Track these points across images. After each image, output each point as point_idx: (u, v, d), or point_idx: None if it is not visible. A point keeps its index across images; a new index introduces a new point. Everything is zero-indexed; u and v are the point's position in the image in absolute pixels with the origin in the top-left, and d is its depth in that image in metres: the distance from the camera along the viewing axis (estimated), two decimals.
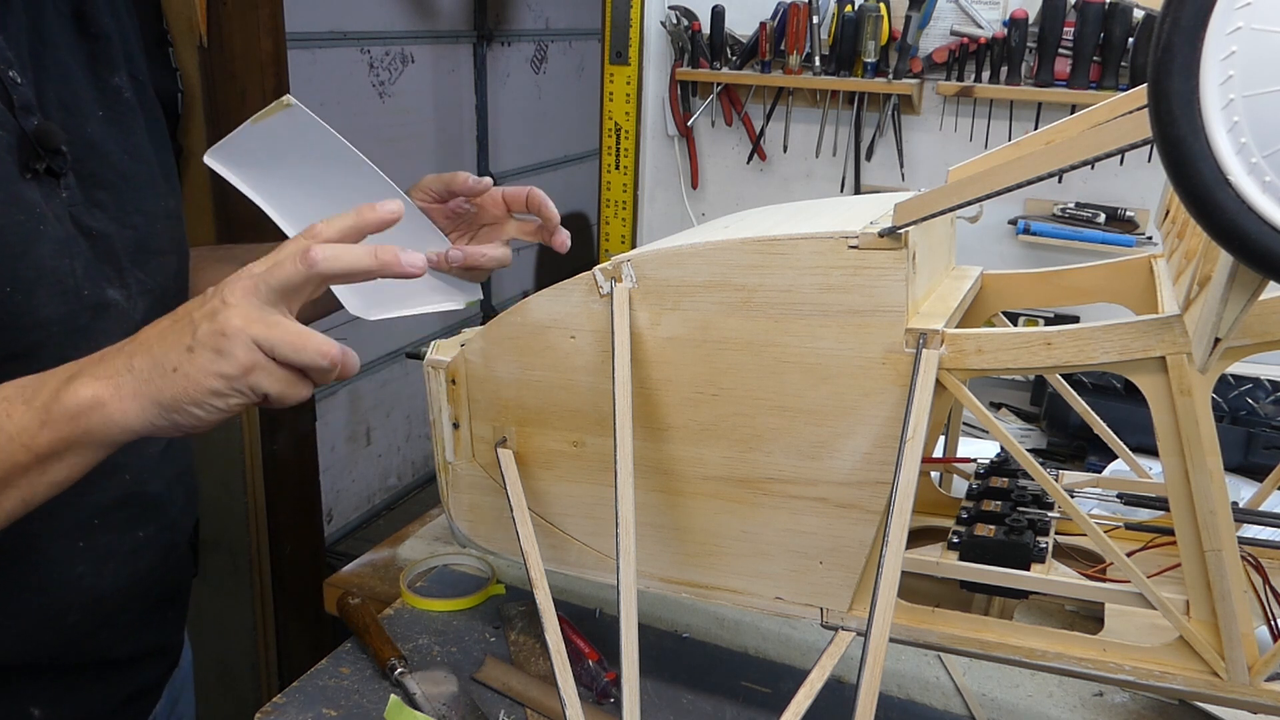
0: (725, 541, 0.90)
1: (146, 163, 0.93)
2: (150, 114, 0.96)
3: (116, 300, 0.87)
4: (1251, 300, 0.55)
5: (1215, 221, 0.47)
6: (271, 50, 2.15)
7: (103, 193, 0.87)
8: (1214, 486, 0.70)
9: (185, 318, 0.69)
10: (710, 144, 2.22)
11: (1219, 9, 0.45)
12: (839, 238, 0.78)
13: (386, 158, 3.10)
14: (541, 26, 3.71)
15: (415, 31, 3.06)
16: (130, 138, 0.91)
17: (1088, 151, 0.65)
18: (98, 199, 0.86)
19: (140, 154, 0.92)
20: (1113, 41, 1.80)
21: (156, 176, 0.94)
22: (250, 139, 0.84)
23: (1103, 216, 1.88)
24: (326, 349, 0.69)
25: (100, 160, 0.87)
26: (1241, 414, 1.49)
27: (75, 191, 0.84)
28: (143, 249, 0.91)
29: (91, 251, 0.85)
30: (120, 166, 0.89)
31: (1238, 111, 0.45)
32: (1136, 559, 0.82)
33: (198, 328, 0.67)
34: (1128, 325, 0.71)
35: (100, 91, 0.90)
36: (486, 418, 0.99)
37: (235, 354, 0.66)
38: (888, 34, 1.95)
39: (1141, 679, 0.77)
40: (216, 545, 2.34)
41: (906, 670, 1.06)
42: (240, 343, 0.66)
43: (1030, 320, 1.76)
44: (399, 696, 1.00)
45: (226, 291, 0.68)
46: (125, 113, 0.91)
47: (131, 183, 0.90)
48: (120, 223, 0.88)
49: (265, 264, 0.69)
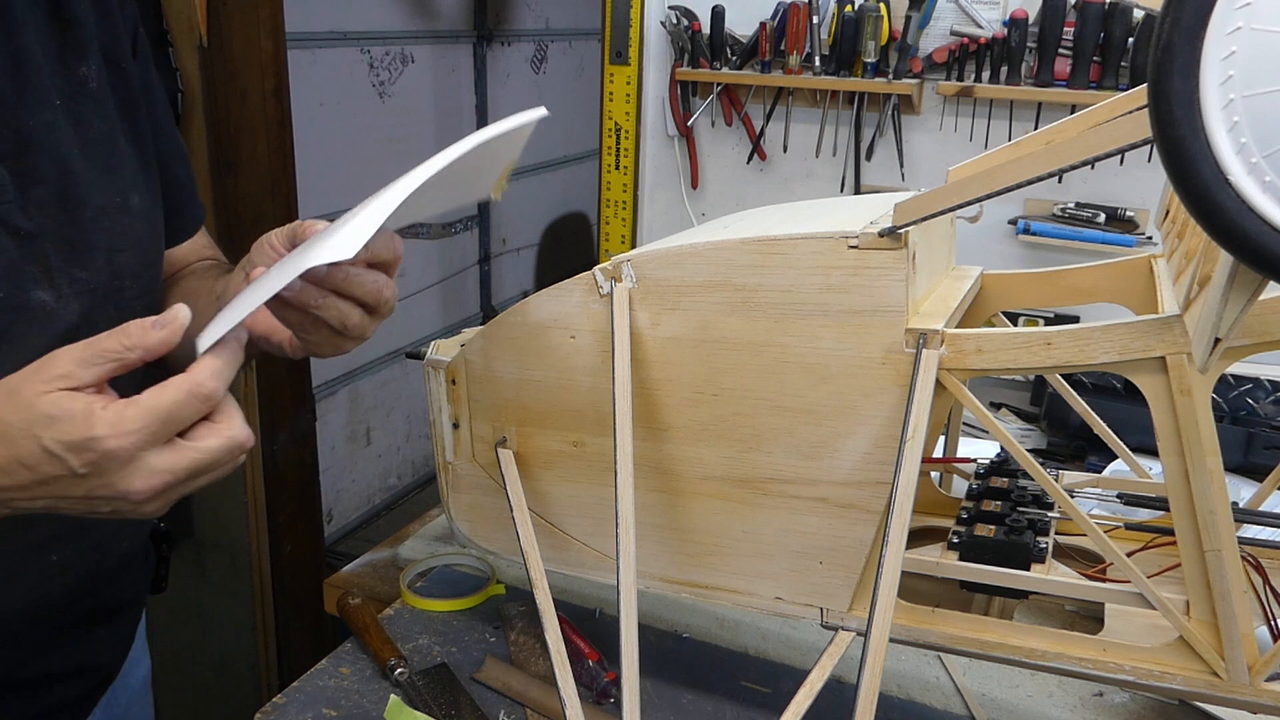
0: (725, 541, 0.90)
1: (102, 157, 0.87)
2: (128, 105, 0.91)
3: (44, 302, 0.83)
4: (1251, 300, 0.55)
5: (1215, 221, 0.47)
6: (271, 50, 2.15)
7: (41, 189, 0.82)
8: (1214, 486, 0.70)
9: (51, 461, 0.62)
10: (710, 144, 2.22)
11: (1219, 9, 0.45)
12: (839, 238, 0.78)
13: (386, 158, 3.11)
14: (541, 26, 3.71)
15: (415, 31, 3.06)
16: (88, 130, 0.86)
17: (1088, 151, 0.65)
18: (35, 196, 0.82)
19: (96, 148, 0.86)
20: (1113, 41, 1.80)
21: (120, 169, 0.88)
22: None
23: (1103, 216, 1.88)
24: (235, 454, 0.65)
25: (42, 154, 0.82)
26: (1241, 414, 1.49)
27: (9, 189, 0.80)
28: (84, 247, 0.85)
29: (18, 252, 0.81)
30: (66, 161, 0.83)
31: (1238, 111, 0.45)
32: (1136, 559, 0.82)
33: (88, 486, 0.63)
34: (1128, 325, 0.71)
35: (65, 80, 0.84)
36: (486, 418, 0.99)
37: (147, 509, 0.64)
38: (888, 34, 1.95)
39: (1141, 679, 0.77)
40: (216, 545, 2.34)
41: (906, 670, 1.06)
42: (151, 504, 0.64)
43: (1030, 320, 1.76)
44: (399, 696, 0.99)
45: (108, 444, 0.61)
46: (87, 104, 0.86)
47: (79, 178, 0.84)
48: (58, 220, 0.83)
49: (151, 410, 0.62)
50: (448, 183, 0.71)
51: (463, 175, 0.72)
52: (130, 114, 0.91)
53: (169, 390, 0.62)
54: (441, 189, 0.72)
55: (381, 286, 0.77)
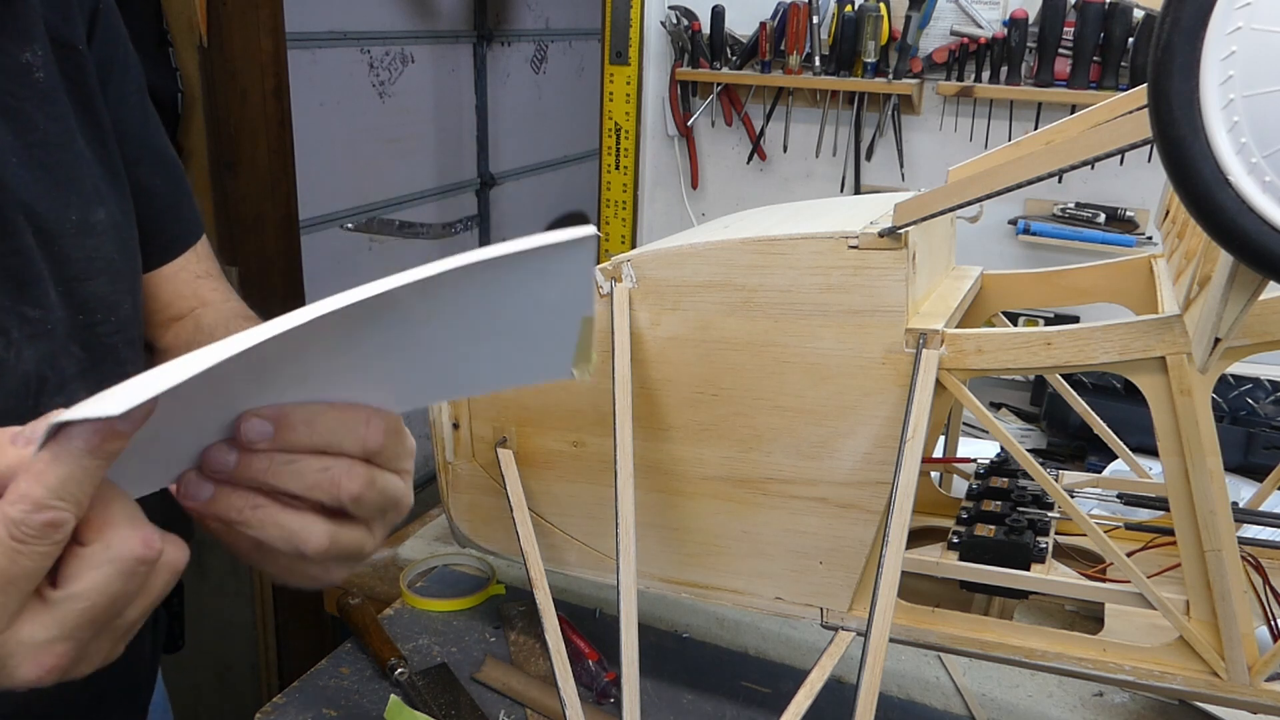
0: (725, 541, 0.90)
1: (52, 165, 0.71)
2: (83, 97, 0.74)
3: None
4: (1251, 300, 0.55)
5: (1215, 221, 0.47)
6: (271, 50, 2.15)
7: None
8: (1214, 486, 0.70)
9: None
10: (710, 144, 2.22)
11: (1219, 9, 0.45)
12: (839, 238, 0.78)
13: (386, 158, 3.10)
14: (541, 26, 3.71)
15: (415, 31, 3.06)
16: (32, 133, 0.70)
17: (1088, 151, 0.65)
18: None
19: (43, 154, 0.70)
20: (1113, 41, 1.80)
21: (78, 178, 0.72)
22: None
23: (1103, 216, 1.88)
24: (138, 571, 0.44)
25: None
26: (1241, 414, 1.49)
27: None
28: (32, 279, 0.68)
29: None
30: (0, 173, 0.67)
31: (1238, 111, 0.45)
32: (1136, 559, 0.82)
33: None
34: (1128, 325, 0.71)
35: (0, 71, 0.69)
36: (486, 418, 0.99)
37: (49, 681, 0.45)
38: (888, 34, 1.95)
39: (1141, 679, 0.77)
40: (216, 545, 2.32)
41: (906, 670, 1.06)
42: (53, 677, 0.44)
43: (1030, 320, 1.76)
44: (399, 696, 0.99)
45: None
46: (31, 99, 0.70)
47: (20, 192, 0.68)
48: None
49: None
50: (454, 340, 0.48)
51: (481, 329, 0.47)
52: (88, 108, 0.74)
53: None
54: (447, 346, 0.48)
55: (337, 476, 0.48)
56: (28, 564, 0.40)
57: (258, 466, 0.47)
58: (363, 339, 0.45)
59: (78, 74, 0.73)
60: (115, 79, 0.79)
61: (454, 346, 0.48)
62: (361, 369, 0.47)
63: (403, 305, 0.44)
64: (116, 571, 0.43)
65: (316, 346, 0.45)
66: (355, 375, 0.48)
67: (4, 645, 0.42)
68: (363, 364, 0.47)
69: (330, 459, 0.48)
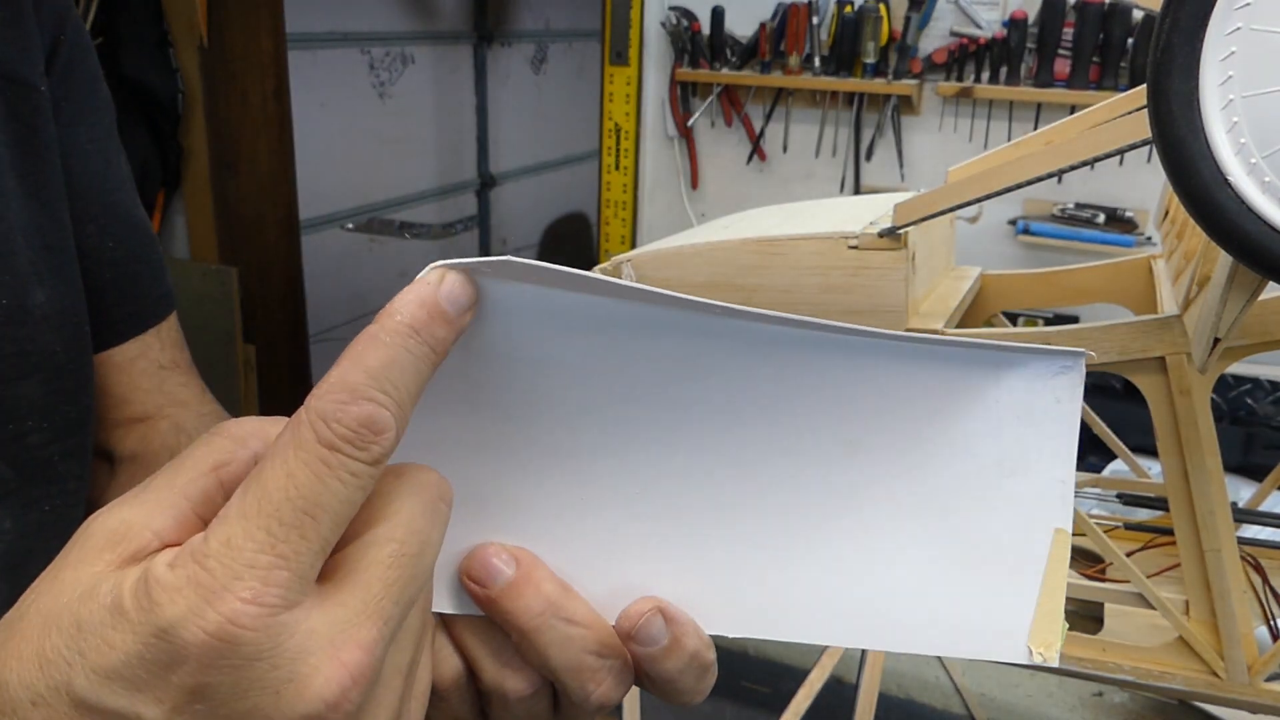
0: None
1: None
2: (26, 144, 0.58)
3: None
4: (1251, 300, 0.55)
5: (1215, 222, 0.47)
6: (271, 50, 2.15)
7: None
8: (1213, 486, 0.70)
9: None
10: (710, 144, 2.22)
11: (1219, 9, 0.45)
12: (839, 238, 0.78)
13: (386, 158, 3.11)
14: (542, 27, 3.71)
15: (415, 32, 3.06)
16: None
17: (1087, 152, 0.65)
18: None
19: None
20: (1112, 42, 1.80)
21: (9, 251, 0.56)
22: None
23: (1102, 217, 1.88)
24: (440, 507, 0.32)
25: None
26: (1241, 414, 1.49)
27: None
28: None
29: None
30: None
31: (1237, 112, 0.45)
32: (1136, 559, 0.82)
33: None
34: (1127, 325, 0.71)
35: None
36: None
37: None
38: (887, 34, 1.95)
39: (1141, 679, 0.77)
40: None
41: (906, 670, 1.06)
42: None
43: (1030, 320, 1.76)
44: None
45: (190, 631, 0.26)
46: None
47: None
48: None
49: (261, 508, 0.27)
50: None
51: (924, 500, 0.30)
52: (34, 160, 0.59)
53: (275, 460, 0.28)
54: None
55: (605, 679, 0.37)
56: (339, 489, 0.28)
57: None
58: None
59: (31, 117, 0.58)
60: (73, 122, 0.63)
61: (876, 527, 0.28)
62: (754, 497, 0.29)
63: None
64: (421, 504, 0.31)
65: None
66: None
67: (292, 631, 0.27)
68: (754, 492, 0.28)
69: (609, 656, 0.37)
